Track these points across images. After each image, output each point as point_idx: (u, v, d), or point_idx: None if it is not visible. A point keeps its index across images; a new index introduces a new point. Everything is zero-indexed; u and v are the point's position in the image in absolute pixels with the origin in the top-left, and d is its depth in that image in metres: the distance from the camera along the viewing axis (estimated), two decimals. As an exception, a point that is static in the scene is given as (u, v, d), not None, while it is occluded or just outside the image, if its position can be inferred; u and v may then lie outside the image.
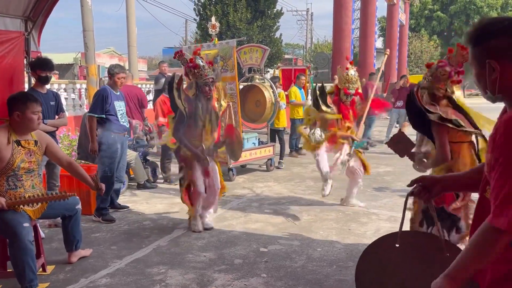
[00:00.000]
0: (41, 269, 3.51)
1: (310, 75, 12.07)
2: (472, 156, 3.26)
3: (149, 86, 13.10)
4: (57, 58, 16.00)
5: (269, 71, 20.48)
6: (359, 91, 5.08)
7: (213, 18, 7.89)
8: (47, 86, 4.85)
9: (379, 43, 31.59)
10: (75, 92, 10.12)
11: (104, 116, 4.83)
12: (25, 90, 4.30)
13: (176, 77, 4.44)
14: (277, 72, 14.85)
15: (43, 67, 4.32)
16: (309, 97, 9.83)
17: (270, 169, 7.76)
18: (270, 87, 7.82)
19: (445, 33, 39.42)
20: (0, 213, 3.10)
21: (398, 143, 3.64)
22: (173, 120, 4.55)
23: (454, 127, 3.13)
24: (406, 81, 10.84)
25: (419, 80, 3.54)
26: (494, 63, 1.35)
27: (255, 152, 7.36)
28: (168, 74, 8.80)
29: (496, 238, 1.27)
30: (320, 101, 4.84)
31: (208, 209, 4.73)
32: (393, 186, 6.50)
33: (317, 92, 4.90)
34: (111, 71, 5.02)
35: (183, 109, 4.35)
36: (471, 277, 1.37)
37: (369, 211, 5.29)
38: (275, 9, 20.79)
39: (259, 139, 7.83)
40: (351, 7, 16.49)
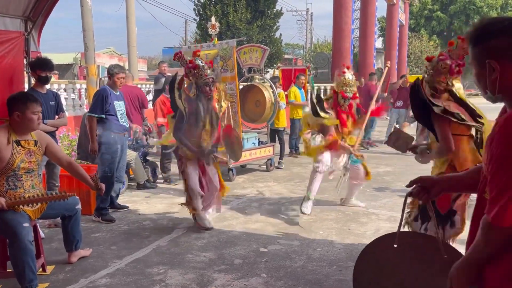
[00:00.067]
0: (41, 269, 3.51)
1: (310, 75, 12.06)
2: (472, 150, 3.27)
3: (148, 86, 13.12)
4: (57, 58, 16.02)
5: (269, 71, 20.48)
6: (356, 95, 5.06)
7: (213, 18, 7.90)
8: (47, 86, 4.86)
9: (379, 43, 31.59)
10: (75, 92, 10.13)
11: (104, 116, 4.83)
12: (25, 90, 4.30)
13: (177, 77, 4.45)
14: (277, 72, 14.86)
15: (43, 67, 4.32)
16: (309, 97, 9.81)
17: (270, 169, 7.76)
18: (270, 87, 7.81)
19: (445, 33, 39.42)
20: (0, 213, 3.10)
21: (397, 140, 3.68)
22: (172, 119, 4.56)
23: (456, 120, 3.14)
24: (405, 81, 10.82)
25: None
26: (494, 63, 1.36)
27: (255, 152, 7.36)
28: (168, 74, 8.81)
29: (491, 233, 1.32)
30: (318, 108, 4.85)
31: (208, 209, 4.74)
32: (393, 186, 6.50)
33: (314, 100, 4.91)
34: (111, 71, 5.02)
35: (183, 109, 4.36)
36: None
37: (369, 211, 5.29)
38: (275, 9, 20.78)
39: (259, 139, 7.83)
40: (351, 7, 16.46)
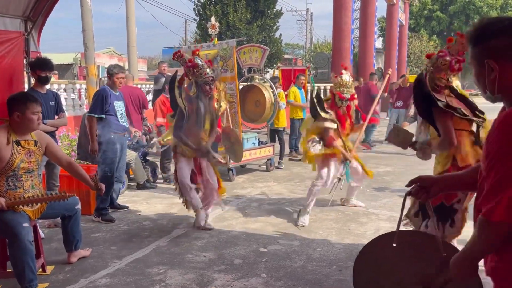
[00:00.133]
0: (40, 269, 3.51)
1: (309, 75, 12.05)
2: (473, 145, 3.28)
3: (148, 86, 13.12)
4: (56, 58, 16.04)
5: (268, 71, 20.47)
6: (354, 96, 5.05)
7: (212, 18, 7.89)
8: (47, 86, 4.85)
9: (378, 43, 31.57)
10: (74, 92, 10.12)
11: (103, 116, 4.83)
12: (25, 90, 4.30)
13: (177, 75, 4.44)
14: (277, 72, 14.84)
15: (43, 67, 4.32)
16: (309, 97, 9.80)
17: (269, 169, 7.76)
18: (270, 87, 7.81)
19: (444, 33, 39.38)
20: (0, 213, 3.10)
21: (397, 137, 3.70)
22: (172, 118, 4.55)
23: (459, 115, 3.15)
24: (405, 81, 10.81)
25: None
26: (492, 63, 1.36)
27: (254, 152, 7.35)
28: (168, 74, 8.81)
29: (486, 227, 1.34)
30: (318, 108, 4.83)
31: (207, 209, 4.74)
32: (393, 186, 6.50)
33: (314, 100, 4.89)
34: (110, 71, 5.02)
35: (183, 107, 4.35)
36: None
37: (369, 211, 5.29)
38: (274, 9, 20.79)
39: (258, 139, 7.83)
40: (351, 7, 16.43)
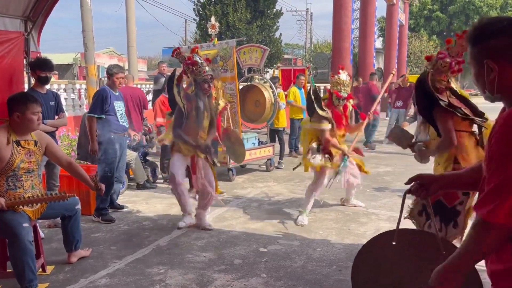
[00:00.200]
0: (40, 269, 3.51)
1: (309, 75, 12.05)
2: (475, 146, 3.26)
3: (148, 86, 13.13)
4: (56, 58, 16.04)
5: (268, 71, 20.47)
6: (352, 95, 5.05)
7: (212, 18, 7.90)
8: (47, 86, 4.85)
9: (378, 43, 31.55)
10: (74, 92, 10.12)
11: (103, 116, 4.83)
12: (25, 90, 4.30)
13: (176, 74, 4.43)
14: (277, 72, 14.84)
15: (43, 67, 4.31)
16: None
17: (269, 169, 7.76)
18: (270, 87, 7.81)
19: (444, 33, 39.37)
20: (0, 213, 3.10)
21: (398, 136, 3.72)
22: (170, 117, 4.53)
23: (461, 116, 3.15)
24: (405, 81, 10.81)
25: None
26: (491, 63, 1.35)
27: (254, 152, 7.35)
28: (167, 74, 8.80)
29: (485, 229, 1.31)
30: (315, 105, 4.82)
31: (206, 209, 4.71)
32: (393, 186, 6.50)
33: (312, 97, 4.88)
34: (110, 71, 5.02)
35: (182, 106, 4.33)
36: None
37: (369, 211, 5.29)
38: (274, 9, 20.80)
39: (258, 139, 7.83)
40: (351, 7, 16.40)
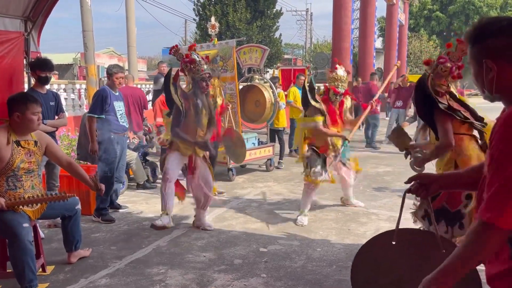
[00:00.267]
0: (40, 270, 3.51)
1: (309, 75, 12.06)
2: (476, 149, 3.26)
3: (148, 86, 13.12)
4: (56, 58, 16.03)
5: (268, 71, 20.48)
6: (348, 91, 5.04)
7: (212, 18, 7.88)
8: (47, 87, 4.85)
9: (378, 43, 31.55)
10: (74, 92, 10.12)
11: (103, 116, 4.83)
12: (25, 90, 4.30)
13: (172, 73, 4.41)
14: (277, 72, 14.86)
15: (43, 67, 4.31)
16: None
17: (269, 169, 7.76)
18: (270, 87, 7.81)
19: (444, 33, 39.41)
20: (0, 213, 3.10)
21: (397, 137, 3.72)
22: (168, 117, 4.50)
23: (460, 119, 3.14)
24: (405, 80, 10.81)
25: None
26: (490, 62, 1.35)
27: (254, 152, 7.35)
28: (168, 74, 8.80)
29: (486, 233, 1.26)
30: (309, 96, 4.80)
31: (205, 210, 4.69)
32: (393, 186, 6.50)
33: (306, 88, 4.85)
34: (110, 71, 5.03)
35: (179, 104, 4.30)
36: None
37: (369, 211, 5.29)
38: (274, 9, 20.83)
39: (258, 139, 7.83)
40: (351, 7, 16.43)
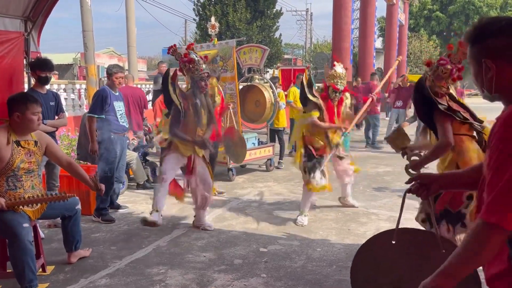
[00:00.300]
0: (40, 270, 3.51)
1: (309, 75, 12.06)
2: (476, 150, 3.25)
3: (148, 86, 13.13)
4: (56, 58, 16.02)
5: (268, 71, 20.49)
6: (347, 88, 5.05)
7: (212, 18, 7.88)
8: (47, 87, 4.85)
9: (378, 43, 31.57)
10: (74, 93, 10.12)
11: (103, 116, 4.83)
12: (25, 90, 4.30)
13: (171, 71, 4.40)
14: (277, 72, 14.86)
15: (43, 67, 4.31)
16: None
17: (269, 169, 7.76)
18: (270, 87, 7.82)
19: (444, 33, 39.42)
20: (0, 213, 3.10)
21: (396, 138, 3.69)
22: (166, 117, 4.49)
23: (460, 120, 3.14)
24: (405, 80, 10.80)
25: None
26: (489, 62, 1.35)
27: (254, 152, 7.35)
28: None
29: (489, 235, 1.25)
30: (306, 91, 4.80)
31: (204, 210, 4.69)
32: (393, 186, 6.50)
33: (305, 83, 4.84)
34: (109, 71, 5.03)
35: (178, 104, 4.29)
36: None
37: (369, 211, 5.29)
38: (274, 9, 20.83)
39: (258, 139, 7.83)
40: (351, 7, 16.42)
